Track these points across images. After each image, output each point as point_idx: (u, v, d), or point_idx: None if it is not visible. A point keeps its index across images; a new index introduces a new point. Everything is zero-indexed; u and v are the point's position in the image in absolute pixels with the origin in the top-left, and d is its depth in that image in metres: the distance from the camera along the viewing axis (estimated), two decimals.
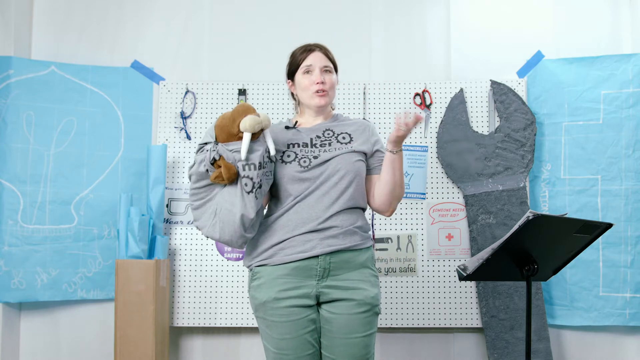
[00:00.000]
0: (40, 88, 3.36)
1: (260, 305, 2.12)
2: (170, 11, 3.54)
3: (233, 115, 2.05)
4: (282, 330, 2.08)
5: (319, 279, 2.10)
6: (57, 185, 3.32)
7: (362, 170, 2.20)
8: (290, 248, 2.10)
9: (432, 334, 3.37)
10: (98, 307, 3.37)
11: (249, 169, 2.03)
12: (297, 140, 2.21)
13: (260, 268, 2.14)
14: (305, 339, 2.09)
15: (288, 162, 2.15)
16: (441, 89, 3.43)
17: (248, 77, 3.47)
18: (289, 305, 2.08)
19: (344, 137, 2.22)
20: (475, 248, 3.28)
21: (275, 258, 2.11)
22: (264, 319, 2.12)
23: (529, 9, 3.50)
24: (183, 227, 3.36)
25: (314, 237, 2.09)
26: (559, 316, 3.29)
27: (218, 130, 2.08)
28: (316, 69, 2.22)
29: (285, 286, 2.09)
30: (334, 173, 2.13)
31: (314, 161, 2.14)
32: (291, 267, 2.09)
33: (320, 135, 2.23)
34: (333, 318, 2.10)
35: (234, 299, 3.32)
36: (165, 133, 3.42)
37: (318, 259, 2.09)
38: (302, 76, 2.24)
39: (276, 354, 2.10)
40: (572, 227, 2.12)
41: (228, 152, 2.05)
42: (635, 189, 3.24)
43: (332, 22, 3.52)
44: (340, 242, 2.10)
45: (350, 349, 2.09)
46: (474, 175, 3.34)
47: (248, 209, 2.05)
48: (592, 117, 3.32)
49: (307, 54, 2.25)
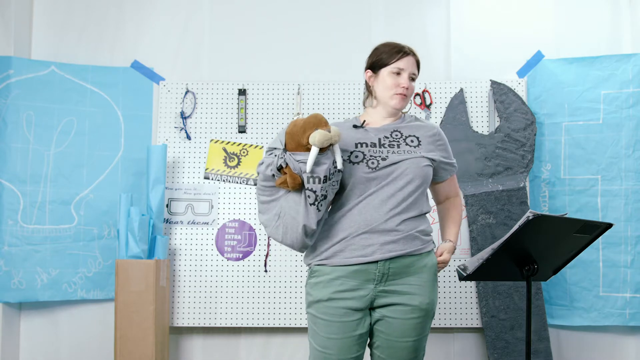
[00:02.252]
0: (40, 88, 3.36)
1: (314, 302, 2.13)
2: (170, 11, 3.54)
3: (304, 126, 2.03)
4: (330, 330, 2.09)
5: (376, 283, 2.10)
6: (57, 185, 3.32)
7: (430, 176, 2.20)
8: (350, 251, 2.10)
9: (432, 334, 3.36)
10: (98, 307, 3.37)
11: (313, 182, 2.02)
12: (365, 140, 2.20)
13: (319, 267, 2.15)
14: (351, 342, 2.09)
15: (356, 162, 2.14)
16: (441, 89, 3.43)
17: (248, 77, 3.47)
18: (342, 307, 2.08)
19: (412, 140, 2.21)
20: (475, 248, 3.28)
21: (335, 259, 2.11)
22: (314, 316, 2.13)
23: (529, 9, 3.50)
24: (183, 227, 3.36)
25: (374, 241, 2.08)
26: (559, 316, 3.29)
27: (288, 138, 2.07)
28: (406, 73, 2.21)
29: (342, 287, 2.09)
30: (402, 176, 2.12)
31: (382, 162, 2.13)
32: (350, 270, 2.09)
33: (389, 135, 2.21)
34: (387, 321, 2.11)
35: (234, 299, 3.32)
36: (165, 133, 3.42)
37: (377, 264, 2.09)
38: (389, 75, 2.21)
39: (320, 352, 2.10)
40: (572, 227, 2.12)
41: (295, 162, 2.04)
42: (635, 189, 3.24)
43: (332, 22, 3.52)
44: (400, 247, 2.10)
45: (401, 352, 2.12)
46: (474, 175, 3.34)
47: (310, 220, 2.05)
48: (592, 117, 3.32)
49: (402, 56, 2.21)
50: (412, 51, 2.25)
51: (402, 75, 2.21)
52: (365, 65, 2.30)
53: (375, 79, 2.25)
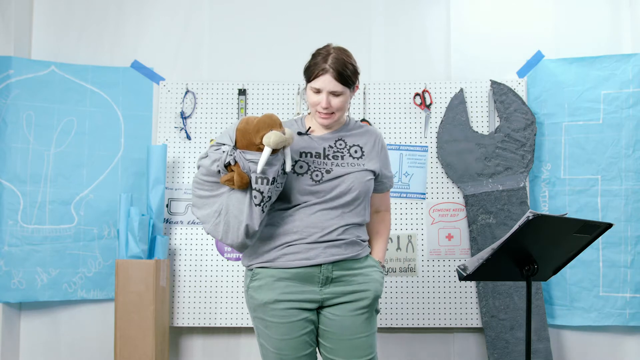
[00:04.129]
0: (40, 88, 3.36)
1: (260, 306, 2.11)
2: (170, 11, 3.54)
3: (258, 125, 2.01)
4: (281, 331, 2.08)
5: (321, 285, 2.10)
6: (57, 185, 3.32)
7: (371, 189, 2.21)
8: (293, 254, 2.09)
9: (432, 334, 3.37)
10: (98, 307, 3.37)
11: (261, 182, 2.01)
12: (310, 149, 2.19)
13: (261, 269, 2.13)
14: (303, 340, 2.10)
15: (300, 173, 2.13)
16: (441, 89, 3.43)
17: (248, 77, 3.47)
18: (288, 307, 2.08)
19: (356, 151, 2.21)
20: (475, 248, 3.28)
21: (278, 262, 2.10)
22: (262, 320, 2.12)
23: (529, 9, 3.50)
24: (183, 227, 3.36)
25: (317, 246, 2.09)
26: (559, 316, 3.29)
27: (239, 135, 2.04)
28: (324, 92, 2.13)
29: (287, 289, 2.09)
30: (346, 191, 2.12)
31: (326, 175, 2.13)
32: (293, 273, 2.09)
33: (333, 145, 2.21)
34: (335, 320, 2.11)
35: (234, 299, 3.31)
36: (165, 133, 3.42)
37: (321, 267, 2.09)
38: (310, 92, 2.17)
39: (275, 354, 2.10)
40: (572, 227, 2.11)
41: (245, 160, 2.02)
42: (635, 189, 3.24)
43: (332, 22, 3.52)
44: (343, 251, 2.11)
45: (356, 350, 2.11)
46: (474, 175, 3.34)
47: (253, 220, 2.03)
48: (592, 117, 3.32)
49: (319, 75, 2.12)
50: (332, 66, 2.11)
51: (321, 94, 2.14)
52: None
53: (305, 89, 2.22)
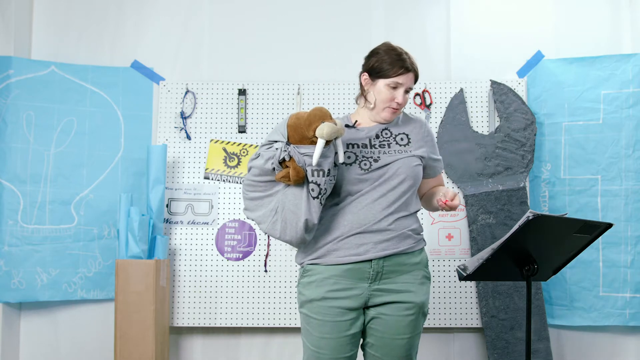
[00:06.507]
0: (40, 88, 3.36)
1: (307, 302, 2.12)
2: (170, 11, 3.54)
3: (310, 119, 2.02)
4: (323, 330, 2.09)
5: (371, 281, 2.10)
6: (57, 185, 3.32)
7: (420, 175, 2.21)
8: (344, 250, 2.10)
9: (432, 334, 3.37)
10: (98, 307, 3.37)
11: (317, 175, 2.02)
12: (357, 141, 2.20)
13: (312, 266, 2.14)
14: (345, 341, 2.09)
15: (349, 163, 2.14)
16: (441, 89, 3.43)
17: (248, 77, 3.47)
18: (336, 306, 2.08)
19: (402, 139, 2.22)
20: (475, 248, 3.28)
21: (328, 258, 2.11)
22: (307, 316, 2.13)
23: (529, 9, 3.50)
24: (183, 227, 3.36)
25: (368, 240, 2.09)
26: (559, 316, 3.29)
27: (291, 130, 2.05)
28: (402, 88, 2.17)
29: (335, 287, 2.09)
30: (394, 177, 2.13)
31: (375, 164, 2.14)
32: (343, 269, 2.09)
33: (379, 134, 2.22)
34: (381, 319, 2.12)
35: (234, 299, 3.32)
36: (165, 133, 3.42)
37: (371, 262, 2.09)
38: (385, 87, 2.17)
39: (313, 351, 2.10)
40: (572, 227, 2.11)
41: (299, 154, 2.03)
42: (635, 189, 3.24)
43: (332, 22, 3.52)
44: (393, 245, 2.11)
45: (396, 349, 2.13)
46: (474, 175, 3.34)
47: (312, 214, 2.04)
48: (592, 117, 3.32)
49: (403, 72, 2.15)
50: (412, 67, 2.19)
51: (399, 90, 2.17)
52: (363, 65, 2.26)
53: (371, 85, 2.22)
